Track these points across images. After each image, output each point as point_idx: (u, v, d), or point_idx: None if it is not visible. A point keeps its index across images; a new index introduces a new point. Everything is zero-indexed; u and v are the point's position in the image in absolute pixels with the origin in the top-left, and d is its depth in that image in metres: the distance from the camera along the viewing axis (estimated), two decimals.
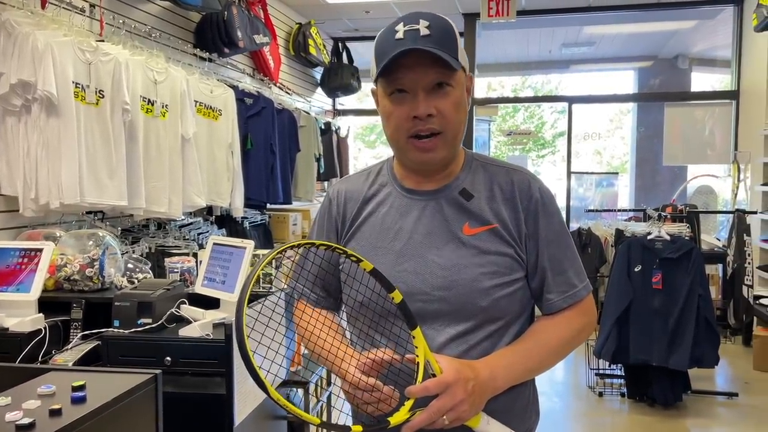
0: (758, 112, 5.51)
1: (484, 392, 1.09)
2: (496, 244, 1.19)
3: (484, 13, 5.65)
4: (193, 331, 1.85)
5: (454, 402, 1.04)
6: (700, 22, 6.93)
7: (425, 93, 1.13)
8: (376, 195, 1.29)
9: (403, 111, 1.15)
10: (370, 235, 1.25)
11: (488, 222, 1.20)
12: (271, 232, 4.97)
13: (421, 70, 1.12)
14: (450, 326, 1.18)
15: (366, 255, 1.22)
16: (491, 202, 1.22)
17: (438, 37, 1.13)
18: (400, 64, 1.12)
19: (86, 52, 2.77)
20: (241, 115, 4.14)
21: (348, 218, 1.30)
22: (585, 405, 4.14)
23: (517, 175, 1.25)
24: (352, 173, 1.40)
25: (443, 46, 1.12)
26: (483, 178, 1.24)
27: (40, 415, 1.04)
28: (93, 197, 2.79)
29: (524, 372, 1.19)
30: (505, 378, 1.14)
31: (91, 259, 2.13)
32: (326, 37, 6.76)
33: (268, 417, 2.08)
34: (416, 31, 1.12)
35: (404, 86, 1.14)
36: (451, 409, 1.04)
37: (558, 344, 1.22)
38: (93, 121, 2.81)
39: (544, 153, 15.10)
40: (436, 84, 1.14)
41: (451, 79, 1.14)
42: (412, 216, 1.23)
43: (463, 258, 1.18)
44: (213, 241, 2.07)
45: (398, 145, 1.21)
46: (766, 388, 4.39)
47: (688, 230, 4.05)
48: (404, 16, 1.17)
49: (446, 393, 1.04)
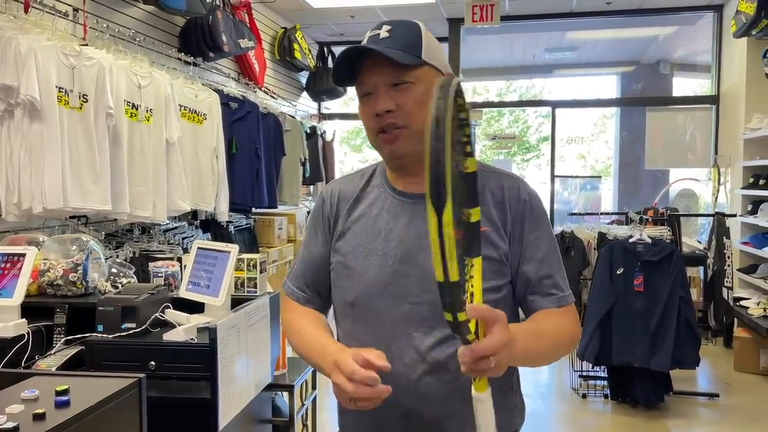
0: (737, 117, 5.59)
1: (513, 349, 1.00)
2: (486, 248, 1.18)
3: (468, 19, 5.69)
4: (177, 335, 1.85)
5: (506, 338, 0.96)
6: (681, 28, 7.02)
7: (385, 91, 1.18)
8: (368, 195, 1.31)
9: (368, 110, 1.21)
10: (362, 236, 1.27)
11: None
12: (256, 236, 4.96)
13: (378, 70, 1.18)
14: (437, 329, 1.18)
15: (356, 255, 1.25)
16: (482, 206, 1.21)
17: (397, 38, 1.18)
18: (362, 68, 1.20)
19: (70, 56, 2.77)
20: (226, 120, 4.13)
21: (340, 217, 1.32)
22: (569, 406, 4.17)
23: (507, 180, 1.27)
24: (346, 174, 1.42)
25: (399, 44, 1.17)
26: None
27: (24, 419, 1.04)
28: (77, 202, 2.78)
29: (536, 352, 1.13)
30: (522, 347, 1.06)
31: (74, 263, 2.13)
32: (311, 42, 6.78)
33: (253, 421, 2.08)
34: (377, 35, 1.19)
35: (367, 88, 1.21)
36: (504, 346, 0.95)
37: (562, 335, 1.21)
38: (76, 126, 2.80)
39: (529, 157, 15.20)
40: (395, 83, 1.18)
41: (408, 76, 1.18)
42: (403, 218, 1.24)
43: None
44: (197, 246, 2.07)
45: (374, 144, 1.26)
46: (747, 388, 4.45)
47: (669, 233, 4.11)
48: (374, 26, 1.24)
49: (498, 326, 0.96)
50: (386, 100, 1.18)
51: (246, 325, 1.93)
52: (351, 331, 1.26)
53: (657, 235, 4.02)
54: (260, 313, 2.06)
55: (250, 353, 1.96)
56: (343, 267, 1.27)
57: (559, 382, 4.59)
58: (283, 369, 2.30)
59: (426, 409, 1.19)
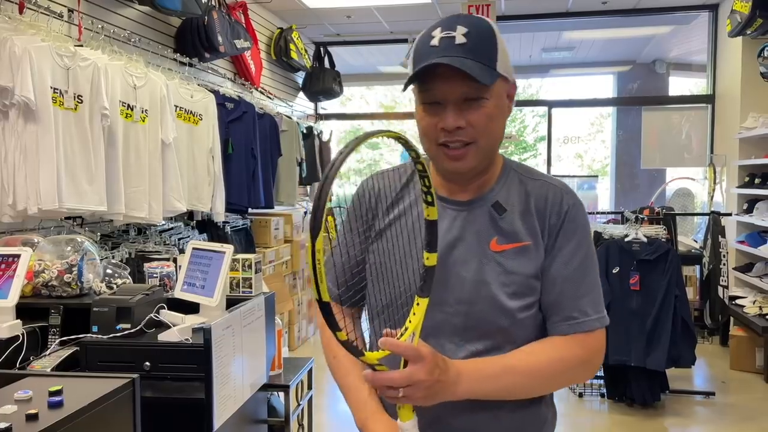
0: (733, 116, 5.61)
1: (442, 390, 1.04)
2: (523, 264, 1.15)
3: None
4: (172, 335, 1.85)
5: (417, 378, 0.99)
6: (677, 28, 7.03)
7: (455, 106, 1.09)
8: (408, 196, 1.25)
9: (432, 121, 1.11)
10: (398, 239, 1.22)
11: (518, 239, 1.16)
12: (252, 236, 4.96)
13: (452, 83, 1.07)
14: (470, 343, 1.15)
15: (393, 259, 1.20)
16: (524, 217, 1.17)
17: (473, 45, 1.07)
18: (433, 74, 1.08)
19: (64, 57, 2.77)
20: (222, 120, 4.14)
21: (379, 215, 1.26)
22: (566, 406, 4.18)
23: (552, 190, 1.19)
24: (383, 170, 1.33)
25: (478, 55, 1.06)
26: (518, 191, 1.20)
27: (17, 420, 1.04)
28: (72, 203, 2.77)
29: (496, 389, 1.11)
30: (467, 389, 1.08)
31: (69, 264, 2.12)
32: (308, 42, 6.78)
33: (249, 421, 2.09)
34: (452, 39, 1.07)
35: (436, 98, 1.10)
36: (409, 384, 0.99)
37: (548, 372, 1.14)
38: (72, 127, 2.80)
39: (526, 156, 15.23)
40: (470, 98, 1.09)
41: (486, 92, 1.09)
42: (442, 225, 1.16)
43: (487, 274, 1.14)
44: (192, 246, 2.07)
45: (430, 152, 1.17)
46: (742, 387, 4.46)
47: (664, 232, 4.11)
48: (443, 20, 1.12)
49: (416, 365, 1.00)
50: (457, 116, 1.08)
51: (241, 325, 1.93)
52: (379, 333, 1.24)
53: (653, 234, 4.03)
54: (255, 313, 2.06)
55: (245, 353, 1.96)
56: (378, 269, 1.23)
57: None
58: (278, 369, 2.30)
59: (453, 418, 1.16)
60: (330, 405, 4.23)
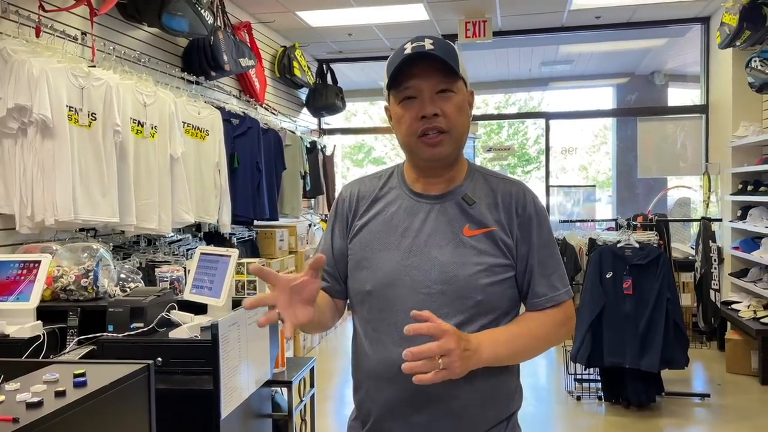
0: (726, 125, 5.74)
1: (471, 357, 1.19)
2: (492, 246, 1.33)
3: (461, 35, 5.88)
4: (182, 333, 2.00)
5: (449, 347, 1.13)
6: (672, 40, 7.18)
7: (431, 96, 1.30)
8: (386, 195, 1.43)
9: (413, 113, 1.31)
10: (379, 231, 1.38)
11: (487, 225, 1.34)
12: (258, 247, 5.11)
13: (427, 76, 1.29)
14: (447, 317, 1.27)
15: (374, 248, 1.37)
16: (490, 208, 1.36)
17: (440, 50, 1.29)
18: (409, 74, 1.30)
19: (79, 77, 2.94)
20: (228, 135, 4.30)
21: (359, 214, 1.43)
22: (564, 408, 4.28)
23: (514, 187, 1.40)
24: (364, 176, 1.53)
25: (445, 56, 1.29)
26: (484, 187, 1.39)
27: (47, 395, 1.19)
28: (86, 214, 2.93)
29: (508, 353, 1.30)
30: (489, 353, 1.24)
31: (86, 270, 2.28)
32: (311, 59, 6.97)
33: (254, 416, 2.22)
34: (422, 46, 1.30)
35: (412, 92, 1.31)
36: (445, 354, 1.13)
37: (542, 334, 1.34)
38: (86, 142, 2.96)
39: (530, 168, 15.36)
40: (440, 89, 1.30)
41: (453, 86, 1.32)
42: (419, 217, 1.36)
43: (462, 256, 1.31)
44: (200, 251, 2.22)
45: (410, 146, 1.35)
46: (738, 389, 4.55)
47: (656, 238, 4.23)
48: (412, 38, 1.34)
49: (445, 338, 1.14)
50: (433, 104, 1.30)
51: (246, 323, 2.07)
52: (367, 318, 1.38)
53: (644, 239, 4.15)
54: (259, 312, 2.20)
55: (249, 350, 2.10)
56: (360, 259, 1.38)
57: (555, 386, 4.70)
58: (282, 367, 2.43)
59: (434, 389, 1.27)
60: (331, 403, 4.35)
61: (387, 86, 1.36)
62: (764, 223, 4.82)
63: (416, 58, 1.29)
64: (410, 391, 1.29)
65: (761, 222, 4.89)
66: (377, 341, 1.35)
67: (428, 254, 1.33)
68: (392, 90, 1.35)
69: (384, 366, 1.33)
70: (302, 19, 5.82)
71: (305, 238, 5.95)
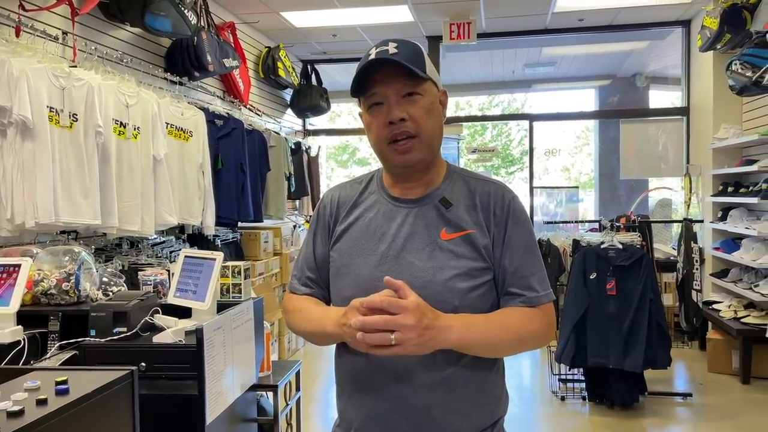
0: (706, 127, 5.81)
1: (435, 337, 1.17)
2: (469, 249, 1.30)
3: (446, 36, 5.89)
4: (166, 337, 1.97)
5: (404, 323, 1.12)
6: (653, 43, 7.26)
7: (396, 101, 1.28)
8: (365, 201, 1.42)
9: (380, 119, 1.30)
10: (357, 237, 1.37)
11: (464, 228, 1.32)
12: (242, 249, 5.08)
13: (391, 81, 1.28)
14: None
15: (353, 254, 1.36)
16: (469, 210, 1.34)
17: (404, 53, 1.28)
18: (373, 81, 1.29)
19: (60, 77, 2.89)
20: (212, 136, 4.27)
21: (339, 220, 1.42)
22: (549, 408, 4.30)
23: (493, 187, 1.38)
24: (345, 181, 1.52)
25: (408, 60, 1.27)
26: (462, 189, 1.37)
27: (28, 404, 1.16)
28: (67, 216, 2.89)
29: (480, 339, 1.25)
30: (460, 334, 1.20)
31: (67, 273, 2.24)
32: (295, 60, 6.94)
33: (239, 420, 2.19)
34: (385, 51, 1.28)
35: (378, 98, 1.30)
36: (399, 329, 1.12)
37: (517, 330, 1.29)
38: (67, 144, 2.92)
39: (513, 170, 15.43)
40: (406, 93, 1.29)
41: (419, 88, 1.29)
42: (396, 221, 1.35)
43: (439, 260, 1.29)
44: (185, 254, 2.19)
45: (381, 153, 1.35)
46: (719, 388, 4.60)
47: (639, 239, 4.27)
48: (377, 43, 1.33)
49: (402, 315, 1.13)
50: (399, 109, 1.28)
51: (231, 327, 2.05)
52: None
53: (628, 240, 4.18)
54: (245, 316, 2.18)
55: (235, 354, 2.08)
56: (340, 265, 1.37)
57: (540, 387, 4.72)
58: (267, 371, 2.41)
59: (415, 397, 1.28)
60: (317, 406, 4.34)
61: (353, 93, 1.34)
62: (744, 224, 4.88)
63: (378, 64, 1.28)
64: (391, 399, 1.29)
65: (741, 223, 4.95)
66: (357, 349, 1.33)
67: (404, 259, 1.32)
68: (360, 96, 1.34)
69: (365, 373, 1.32)
70: (286, 19, 5.80)
71: (290, 239, 5.92)
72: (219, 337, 1.94)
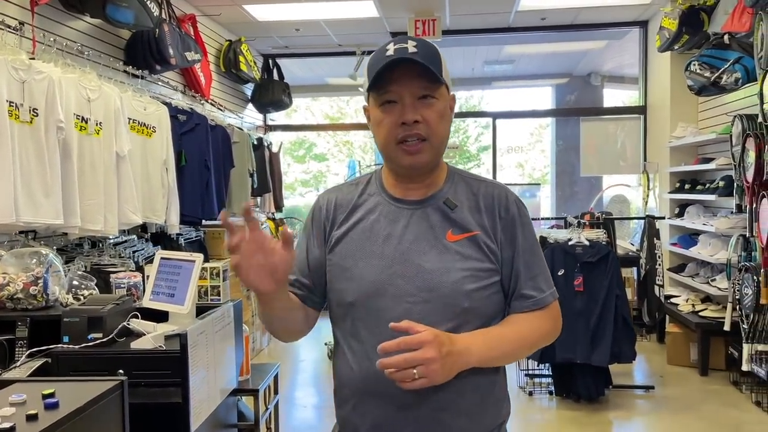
0: (664, 126, 5.96)
1: (456, 361, 1.17)
2: (476, 250, 1.29)
3: (411, 33, 5.87)
4: (145, 343, 1.90)
5: (425, 357, 1.12)
6: (610, 43, 7.42)
7: (411, 102, 1.25)
8: (365, 203, 1.37)
9: (393, 118, 1.26)
10: (360, 240, 1.33)
11: (470, 230, 1.30)
12: (206, 248, 4.96)
13: (408, 82, 1.24)
14: (434, 326, 1.23)
15: (355, 257, 1.31)
16: (473, 212, 1.32)
17: (424, 54, 1.24)
18: (390, 78, 1.24)
19: (20, 70, 2.75)
20: (175, 132, 4.15)
21: (336, 224, 1.37)
22: (516, 404, 4.35)
23: (496, 189, 1.36)
24: (340, 184, 1.48)
25: (428, 61, 1.23)
26: (465, 190, 1.35)
27: (18, 420, 1.08)
28: (28, 216, 2.75)
29: (498, 354, 1.27)
30: (479, 354, 1.22)
31: (34, 277, 2.13)
32: (257, 54, 6.81)
33: (221, 426, 2.13)
34: (405, 49, 1.24)
35: (393, 97, 1.26)
36: (421, 363, 1.12)
37: (530, 336, 1.31)
38: (27, 140, 2.79)
39: (470, 166, 15.59)
40: (421, 95, 1.25)
41: (435, 92, 1.26)
42: (400, 223, 1.32)
43: (446, 262, 1.27)
44: (160, 256, 2.11)
45: (388, 152, 1.30)
46: (679, 380, 4.73)
47: (605, 236, 4.35)
48: (395, 38, 1.29)
49: (422, 349, 1.12)
50: (414, 110, 1.24)
51: (213, 331, 1.99)
52: (350, 331, 1.32)
53: (594, 237, 4.25)
54: (225, 319, 2.12)
55: (217, 359, 2.01)
56: (341, 269, 1.33)
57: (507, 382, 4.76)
58: (246, 375, 2.36)
59: (422, 402, 1.26)
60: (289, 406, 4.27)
61: (369, 88, 1.29)
62: (701, 220, 5.03)
63: (398, 62, 1.24)
64: (398, 406, 1.26)
65: (698, 219, 5.10)
66: (362, 354, 1.29)
67: (412, 262, 1.29)
68: (372, 92, 1.29)
69: (371, 381, 1.27)
70: (249, 12, 5.68)
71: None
72: (202, 341, 1.88)
